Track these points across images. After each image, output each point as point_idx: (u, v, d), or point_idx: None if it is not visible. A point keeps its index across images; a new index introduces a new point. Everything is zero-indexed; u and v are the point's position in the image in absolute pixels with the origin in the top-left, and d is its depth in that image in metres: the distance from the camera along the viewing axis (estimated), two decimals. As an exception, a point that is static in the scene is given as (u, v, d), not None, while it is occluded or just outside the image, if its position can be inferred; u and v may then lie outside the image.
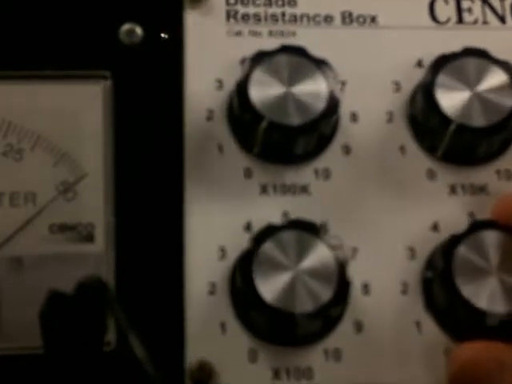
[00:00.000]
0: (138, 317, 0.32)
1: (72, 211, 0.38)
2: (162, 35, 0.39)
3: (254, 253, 0.35)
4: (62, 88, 0.38)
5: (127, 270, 0.37)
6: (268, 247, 0.35)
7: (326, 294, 0.35)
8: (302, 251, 0.35)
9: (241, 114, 0.37)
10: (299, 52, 0.38)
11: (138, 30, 0.39)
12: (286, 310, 0.34)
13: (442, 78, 0.38)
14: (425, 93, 0.38)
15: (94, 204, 0.38)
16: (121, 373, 0.33)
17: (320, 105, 0.37)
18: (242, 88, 0.37)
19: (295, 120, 0.37)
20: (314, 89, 0.37)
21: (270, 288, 0.34)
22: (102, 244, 0.38)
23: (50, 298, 0.31)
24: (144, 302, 0.37)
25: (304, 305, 0.34)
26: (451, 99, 0.38)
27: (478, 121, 0.37)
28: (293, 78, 0.37)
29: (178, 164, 0.38)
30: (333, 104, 0.37)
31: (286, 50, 0.38)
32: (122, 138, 0.38)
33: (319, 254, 0.35)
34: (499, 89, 0.38)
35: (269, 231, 0.35)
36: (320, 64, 0.38)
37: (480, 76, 0.38)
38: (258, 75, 0.37)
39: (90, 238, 0.38)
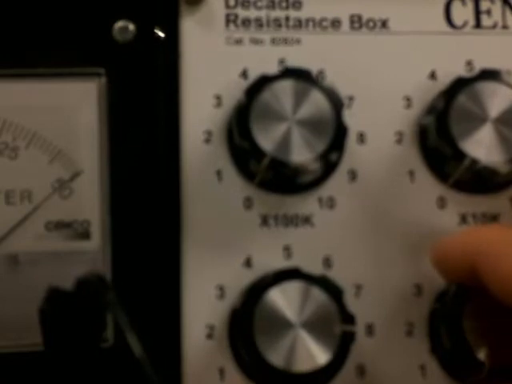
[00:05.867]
0: (134, 314, 0.32)
1: (68, 208, 0.38)
2: (156, 33, 0.39)
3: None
4: (56, 85, 0.38)
5: (123, 267, 0.37)
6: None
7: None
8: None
9: (241, 144, 0.36)
10: (304, 75, 0.36)
11: (131, 27, 0.39)
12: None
13: (456, 107, 0.36)
14: (438, 122, 0.36)
15: (89, 201, 0.38)
16: (119, 369, 0.33)
17: (326, 137, 0.35)
18: (242, 119, 0.35)
19: (299, 156, 0.35)
20: (319, 119, 0.35)
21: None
22: (98, 241, 0.38)
23: (49, 295, 0.31)
24: (141, 298, 0.37)
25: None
26: (466, 131, 0.36)
27: (495, 156, 0.35)
28: (297, 107, 0.35)
29: (174, 162, 0.38)
30: (340, 136, 0.35)
31: (289, 73, 0.36)
32: (116, 135, 0.38)
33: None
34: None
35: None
36: (327, 90, 0.36)
37: (496, 103, 0.36)
38: (260, 104, 0.35)
39: (86, 235, 0.38)
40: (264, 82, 0.35)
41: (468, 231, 0.34)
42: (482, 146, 0.35)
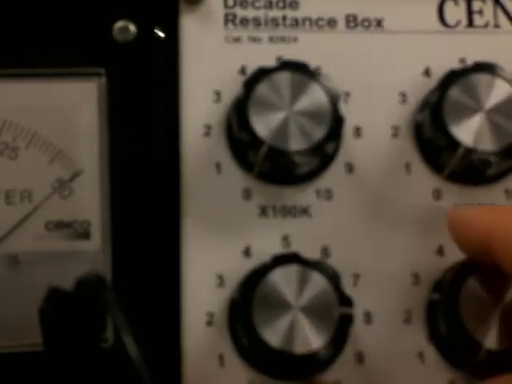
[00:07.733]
0: (133, 314, 0.32)
1: (68, 208, 0.38)
2: (156, 33, 0.39)
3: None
4: (56, 85, 0.38)
5: (124, 267, 0.37)
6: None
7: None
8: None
9: (240, 135, 0.36)
10: (301, 68, 0.36)
11: (132, 27, 0.39)
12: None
13: (450, 98, 0.36)
14: (432, 112, 0.37)
15: (89, 201, 0.38)
16: (119, 369, 0.33)
17: (323, 127, 0.35)
18: (241, 110, 0.35)
19: (297, 145, 0.35)
20: (316, 109, 0.36)
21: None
22: (98, 241, 0.38)
23: (49, 295, 0.31)
24: (140, 298, 0.37)
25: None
26: (460, 121, 0.36)
27: (488, 144, 0.36)
28: (294, 98, 0.36)
29: (174, 158, 0.38)
30: (336, 126, 0.36)
31: (287, 66, 0.36)
32: (116, 135, 0.38)
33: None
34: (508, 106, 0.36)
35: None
36: (323, 81, 0.36)
37: (489, 94, 0.36)
38: (258, 96, 0.35)
39: (86, 235, 0.38)
40: (262, 73, 0.36)
41: (483, 210, 0.34)
42: (475, 135, 0.36)
